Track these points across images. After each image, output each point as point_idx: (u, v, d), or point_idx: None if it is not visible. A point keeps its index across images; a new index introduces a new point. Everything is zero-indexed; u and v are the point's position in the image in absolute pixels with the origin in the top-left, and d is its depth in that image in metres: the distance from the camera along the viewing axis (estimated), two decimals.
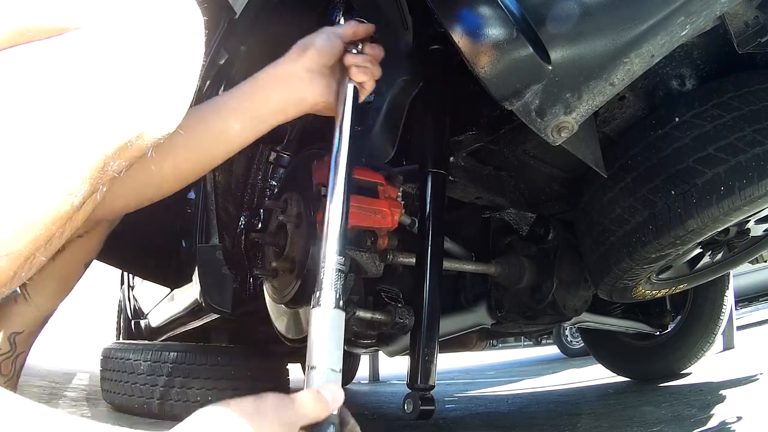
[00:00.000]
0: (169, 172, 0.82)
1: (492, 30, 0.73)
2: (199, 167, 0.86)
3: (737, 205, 0.93)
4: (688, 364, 2.29)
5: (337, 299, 0.69)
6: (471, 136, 1.06)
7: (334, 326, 0.67)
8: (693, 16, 0.70)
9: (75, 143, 0.47)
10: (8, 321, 1.10)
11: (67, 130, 0.47)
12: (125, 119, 0.50)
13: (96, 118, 0.48)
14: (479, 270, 1.36)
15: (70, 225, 0.54)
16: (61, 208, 0.48)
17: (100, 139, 0.48)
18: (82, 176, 0.48)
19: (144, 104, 0.51)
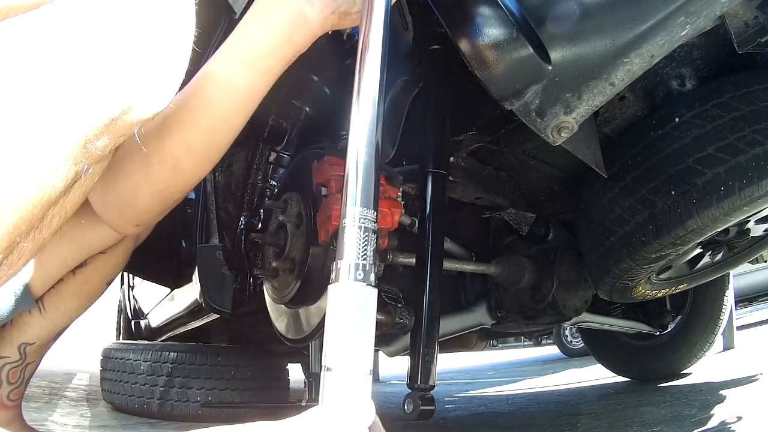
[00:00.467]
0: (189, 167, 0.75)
1: (492, 30, 0.73)
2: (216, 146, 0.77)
3: (737, 205, 0.93)
4: (688, 364, 2.29)
5: (363, 270, 0.51)
6: (471, 136, 1.06)
7: (359, 309, 0.50)
8: (693, 16, 0.70)
9: (52, 118, 0.43)
10: (20, 331, 1.10)
11: (42, 105, 0.43)
12: (108, 93, 0.46)
13: (75, 91, 0.44)
14: (479, 270, 1.36)
15: (58, 213, 0.51)
16: (41, 190, 0.44)
17: (79, 114, 0.44)
18: (63, 154, 0.44)
19: (130, 78, 0.47)
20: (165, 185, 0.76)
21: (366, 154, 0.57)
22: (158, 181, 0.74)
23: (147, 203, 0.78)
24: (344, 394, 0.48)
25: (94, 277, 1.09)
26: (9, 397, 1.10)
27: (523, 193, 1.35)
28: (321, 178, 1.00)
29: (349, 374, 0.48)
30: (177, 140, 0.72)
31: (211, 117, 0.73)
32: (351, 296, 0.50)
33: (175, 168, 0.73)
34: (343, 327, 0.49)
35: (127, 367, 2.10)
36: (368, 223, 0.53)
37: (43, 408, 2.10)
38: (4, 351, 1.09)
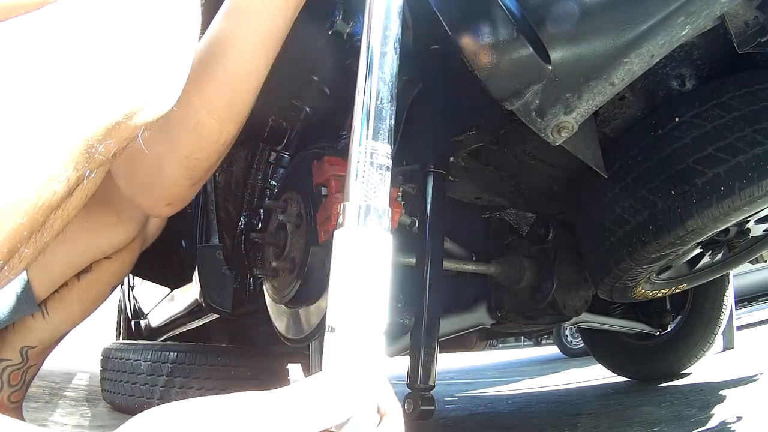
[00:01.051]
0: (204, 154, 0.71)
1: (492, 30, 0.73)
2: (237, 99, 0.72)
3: (737, 205, 0.93)
4: (688, 364, 2.29)
5: (376, 213, 0.44)
6: (471, 136, 1.06)
7: (370, 258, 0.43)
8: (693, 16, 0.70)
9: (53, 123, 0.42)
10: (22, 334, 1.09)
11: (44, 109, 0.42)
12: (112, 97, 0.44)
13: (77, 95, 0.43)
14: (479, 270, 1.36)
15: (60, 216, 0.50)
16: (42, 195, 0.43)
17: (81, 118, 0.43)
18: (64, 160, 0.43)
19: (133, 81, 0.46)
20: (188, 150, 0.71)
21: (380, 79, 0.49)
22: (181, 146, 0.70)
23: (173, 175, 0.73)
24: (350, 358, 0.41)
25: (99, 282, 1.08)
26: (10, 399, 1.10)
27: (523, 193, 1.35)
28: (321, 178, 1.00)
29: (357, 335, 0.42)
30: (194, 96, 0.67)
31: (227, 66, 0.68)
32: (360, 243, 0.43)
33: (197, 128, 0.69)
34: (350, 280, 0.42)
35: (127, 367, 2.10)
36: (381, 158, 0.46)
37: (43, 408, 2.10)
38: (6, 354, 1.08)
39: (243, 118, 0.74)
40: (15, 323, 1.06)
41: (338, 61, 1.26)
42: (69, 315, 1.09)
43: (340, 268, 0.43)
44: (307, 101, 1.29)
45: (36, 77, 0.42)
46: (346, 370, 0.41)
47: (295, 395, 0.38)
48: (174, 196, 0.78)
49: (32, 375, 1.14)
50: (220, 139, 0.72)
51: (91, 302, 1.11)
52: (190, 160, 0.72)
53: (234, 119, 0.73)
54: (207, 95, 0.68)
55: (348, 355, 0.41)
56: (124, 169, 0.72)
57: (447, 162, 1.05)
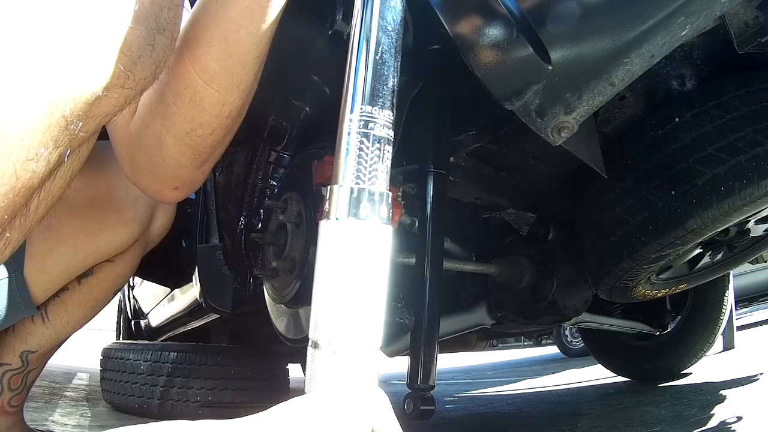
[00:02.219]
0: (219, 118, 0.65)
1: (492, 30, 0.73)
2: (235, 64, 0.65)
3: (737, 205, 0.93)
4: (688, 364, 2.29)
5: (370, 199, 0.35)
6: (471, 136, 1.06)
7: (362, 258, 0.34)
8: (693, 17, 0.70)
9: (28, 99, 0.39)
10: (22, 339, 1.08)
11: (17, 85, 0.39)
12: (90, 70, 0.41)
13: (53, 69, 0.40)
14: (479, 270, 1.36)
15: (44, 198, 0.49)
16: (22, 177, 0.40)
17: (58, 93, 0.40)
18: (42, 137, 0.40)
19: (113, 53, 0.43)
20: (188, 125, 0.65)
21: (380, 28, 0.39)
22: (179, 120, 0.64)
23: (175, 153, 0.66)
24: (336, 380, 0.33)
25: (101, 286, 1.07)
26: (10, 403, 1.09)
27: (523, 193, 1.35)
28: (321, 178, 1.00)
29: (346, 354, 0.34)
30: (189, 65, 0.61)
31: (221, 29, 0.61)
32: (351, 237, 0.34)
33: (194, 99, 0.63)
34: (339, 284, 0.33)
35: (127, 367, 2.10)
36: (379, 129, 0.36)
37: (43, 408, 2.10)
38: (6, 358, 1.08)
39: (247, 89, 0.67)
40: (15, 327, 1.05)
41: (339, 61, 1.26)
42: (70, 320, 1.08)
43: (327, 269, 0.34)
44: (307, 101, 1.29)
45: (8, 53, 0.39)
46: (335, 394, 0.33)
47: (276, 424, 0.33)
48: (180, 179, 0.71)
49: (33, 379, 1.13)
50: (223, 111, 0.65)
51: (92, 307, 1.09)
52: (191, 136, 0.66)
53: (236, 89, 0.65)
54: (203, 63, 0.61)
55: (333, 377, 0.33)
56: (125, 152, 0.68)
57: (447, 162, 1.05)
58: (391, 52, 0.38)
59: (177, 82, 0.61)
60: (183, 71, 0.61)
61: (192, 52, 0.61)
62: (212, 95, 0.63)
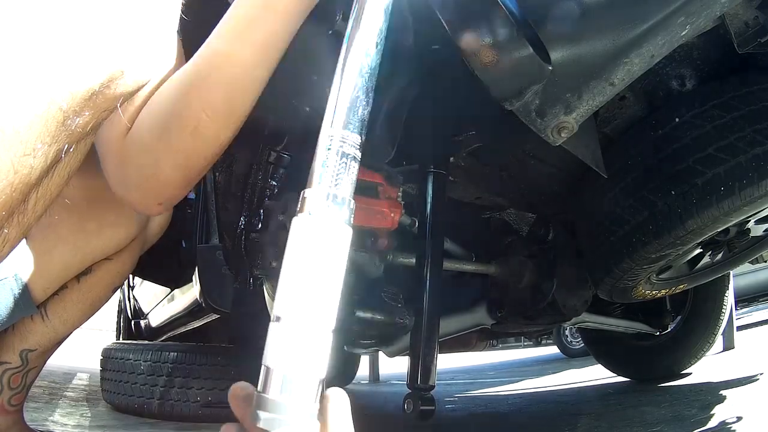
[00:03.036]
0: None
1: (492, 30, 0.73)
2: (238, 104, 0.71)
3: (737, 205, 0.93)
4: (688, 364, 2.29)
5: (334, 200, 0.43)
6: (471, 136, 1.06)
7: (325, 248, 0.42)
8: (693, 17, 0.70)
9: (26, 94, 0.40)
10: (22, 337, 1.08)
11: (15, 81, 0.39)
12: (87, 66, 0.42)
13: (50, 64, 0.40)
14: (479, 270, 1.36)
15: (42, 195, 0.49)
16: (19, 171, 0.41)
17: (56, 88, 0.41)
18: (39, 132, 0.40)
19: (109, 49, 0.44)
20: (187, 153, 0.70)
21: (359, 72, 0.49)
22: (180, 148, 0.69)
23: (170, 176, 0.71)
24: (293, 350, 0.39)
25: (99, 284, 1.07)
26: (10, 402, 1.10)
27: (523, 193, 1.35)
28: None
29: (304, 327, 0.40)
30: (195, 99, 0.67)
31: (225, 77, 0.68)
32: (317, 231, 0.42)
33: (196, 131, 0.68)
34: (303, 268, 0.41)
35: (127, 367, 2.10)
36: (347, 147, 0.45)
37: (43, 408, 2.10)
38: (6, 357, 1.08)
39: (243, 121, 0.74)
40: (14, 326, 1.05)
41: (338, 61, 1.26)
42: (69, 318, 1.08)
43: (294, 256, 0.42)
44: (307, 101, 1.29)
45: (7, 48, 0.40)
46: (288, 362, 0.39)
47: None
48: (167, 196, 0.76)
49: (33, 378, 1.13)
50: (216, 143, 0.72)
51: (91, 305, 1.10)
52: (188, 163, 0.71)
53: (235, 122, 0.72)
54: (209, 101, 0.68)
55: (292, 348, 0.40)
56: (116, 166, 0.70)
57: (447, 162, 1.05)
58: (364, 89, 0.49)
59: (183, 115, 0.66)
60: (187, 105, 0.67)
61: (199, 91, 0.65)
62: (213, 129, 0.69)
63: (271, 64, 0.70)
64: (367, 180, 1.01)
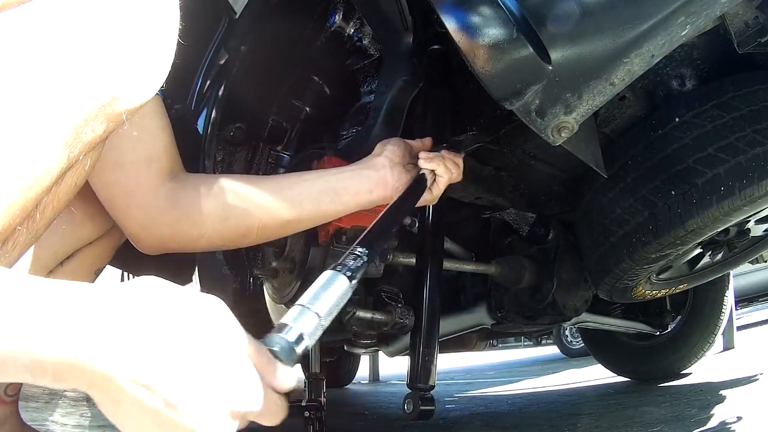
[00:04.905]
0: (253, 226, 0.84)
1: (492, 30, 0.73)
2: (286, 231, 0.90)
3: (737, 205, 0.93)
4: (688, 364, 2.29)
5: (347, 267, 0.55)
6: (471, 136, 1.06)
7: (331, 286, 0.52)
8: (693, 17, 0.70)
9: (45, 105, 0.43)
10: None
11: (36, 92, 0.43)
12: (98, 81, 0.46)
13: (67, 79, 0.44)
14: (479, 270, 1.36)
15: (51, 201, 0.51)
16: (36, 175, 0.44)
17: (72, 100, 0.45)
18: (56, 140, 0.44)
19: (118, 66, 0.48)
20: (224, 243, 0.87)
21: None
22: (223, 237, 0.84)
23: (194, 244, 0.85)
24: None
25: (82, 267, 1.08)
26: (6, 392, 1.10)
27: (523, 193, 1.35)
28: None
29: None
30: (261, 217, 0.83)
31: (293, 217, 0.85)
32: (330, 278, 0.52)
33: (244, 236, 0.84)
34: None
35: None
36: (362, 253, 0.56)
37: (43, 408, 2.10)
38: None
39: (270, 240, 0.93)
40: None
41: (338, 61, 1.26)
42: None
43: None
44: (307, 101, 1.29)
45: (29, 64, 0.43)
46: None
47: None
48: (173, 249, 0.86)
49: None
50: (241, 245, 0.90)
51: None
52: (214, 245, 0.87)
53: (266, 241, 0.90)
54: (267, 227, 0.84)
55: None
56: (143, 215, 0.80)
57: None
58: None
59: (244, 220, 0.83)
60: (253, 217, 0.83)
61: (268, 214, 0.85)
62: (252, 241, 0.89)
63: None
64: None
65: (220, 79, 1.19)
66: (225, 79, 1.18)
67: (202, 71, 1.21)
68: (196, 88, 1.22)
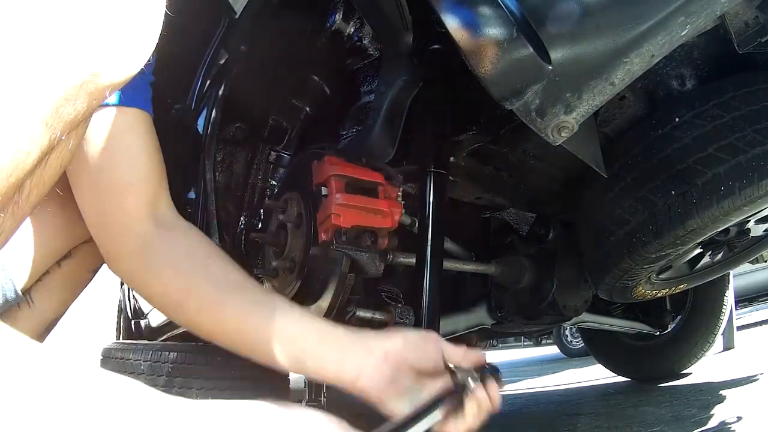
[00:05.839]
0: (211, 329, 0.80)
1: (492, 30, 0.73)
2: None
3: (737, 205, 0.93)
4: (688, 364, 2.29)
5: None
6: (471, 136, 1.06)
7: None
8: (693, 16, 0.70)
9: (21, 81, 0.41)
10: (10, 325, 1.09)
11: (10, 68, 0.41)
12: (79, 55, 0.44)
13: (45, 54, 0.42)
14: (479, 270, 1.36)
15: (36, 184, 0.50)
16: (15, 157, 0.42)
17: (50, 76, 0.42)
18: (35, 119, 0.42)
19: (100, 40, 0.45)
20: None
21: None
22: (164, 310, 0.84)
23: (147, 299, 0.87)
24: None
25: (80, 266, 1.08)
26: None
27: (523, 193, 1.35)
28: (321, 178, 1.00)
29: None
30: (205, 324, 0.79)
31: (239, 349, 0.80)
32: None
33: (176, 320, 0.85)
34: None
35: (127, 367, 2.10)
36: None
37: None
38: None
39: None
40: (0, 315, 1.06)
41: (338, 61, 1.26)
42: (54, 302, 1.08)
43: None
44: (307, 101, 1.29)
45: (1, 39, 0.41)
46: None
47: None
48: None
49: None
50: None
51: (74, 287, 1.11)
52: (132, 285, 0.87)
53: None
54: (167, 309, 0.82)
55: None
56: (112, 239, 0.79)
57: (447, 162, 1.05)
58: None
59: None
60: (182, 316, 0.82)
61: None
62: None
63: None
64: (367, 180, 1.01)
65: (220, 79, 1.19)
66: (225, 79, 1.18)
67: (202, 71, 1.21)
68: (196, 88, 1.22)
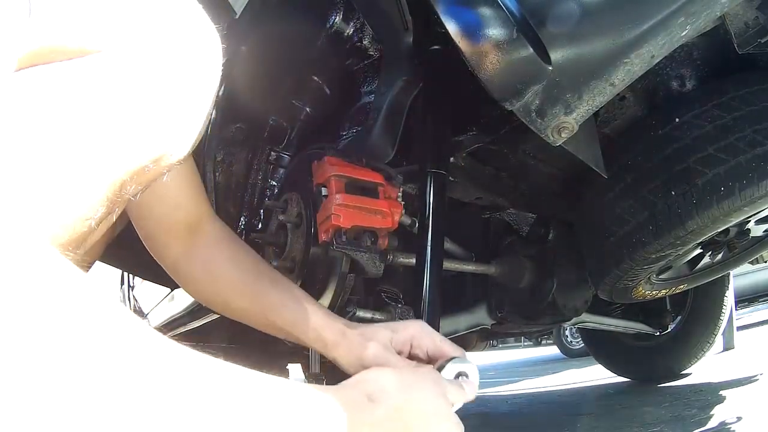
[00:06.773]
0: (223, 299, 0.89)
1: (492, 30, 0.73)
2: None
3: (737, 205, 0.93)
4: (688, 365, 2.29)
5: None
6: (471, 137, 1.06)
7: None
8: (693, 17, 0.70)
9: (95, 167, 0.47)
10: None
11: (88, 154, 0.46)
12: (144, 144, 0.50)
13: (116, 142, 0.48)
14: (479, 270, 1.36)
15: (83, 247, 0.54)
16: (78, 230, 0.47)
17: (119, 163, 0.48)
18: (100, 199, 0.48)
19: (162, 130, 0.51)
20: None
21: None
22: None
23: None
24: None
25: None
26: None
27: (523, 193, 1.35)
28: (321, 178, 1.00)
29: None
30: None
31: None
32: None
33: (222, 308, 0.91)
34: None
35: None
36: None
37: None
38: None
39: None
40: None
41: (338, 61, 1.26)
42: None
43: None
44: (307, 101, 1.29)
45: (80, 124, 0.46)
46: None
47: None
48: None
49: None
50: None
51: None
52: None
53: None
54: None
55: None
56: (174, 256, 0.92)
57: (447, 162, 1.05)
58: None
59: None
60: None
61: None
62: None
63: None
64: (367, 180, 1.01)
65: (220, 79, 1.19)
66: (225, 79, 1.18)
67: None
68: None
